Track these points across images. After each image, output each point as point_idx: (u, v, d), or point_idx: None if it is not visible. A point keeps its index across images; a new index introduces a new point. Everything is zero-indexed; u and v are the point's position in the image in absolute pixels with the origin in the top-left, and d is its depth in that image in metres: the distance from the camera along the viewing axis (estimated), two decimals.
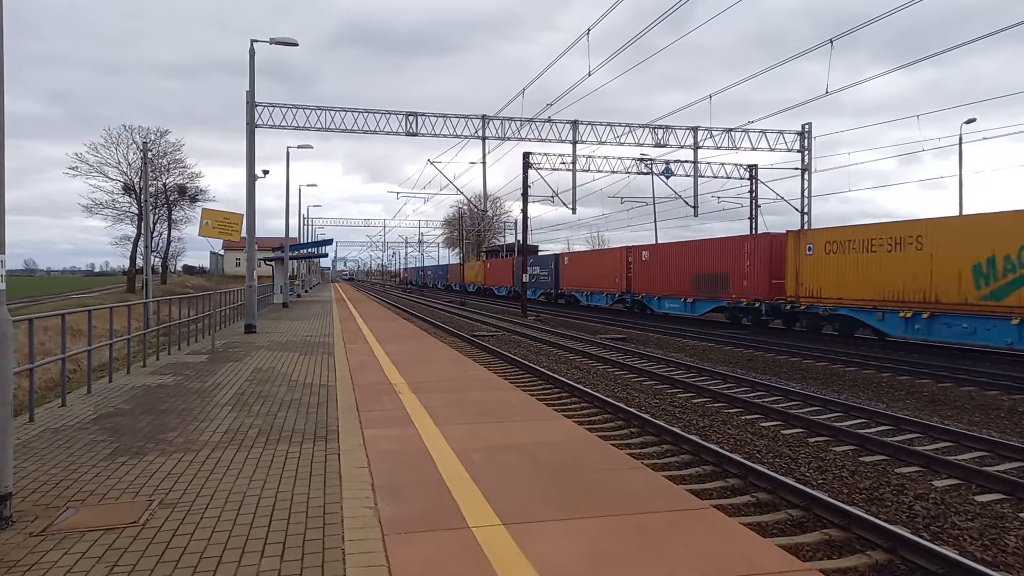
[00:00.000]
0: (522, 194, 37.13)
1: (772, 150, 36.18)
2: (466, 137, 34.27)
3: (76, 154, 53.75)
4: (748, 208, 39.03)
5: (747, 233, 35.70)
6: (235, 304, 24.95)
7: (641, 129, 35.04)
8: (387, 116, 32.77)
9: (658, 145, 35.46)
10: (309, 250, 54.40)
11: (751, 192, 38.85)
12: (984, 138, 54.52)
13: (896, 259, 19.60)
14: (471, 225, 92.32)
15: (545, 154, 36.60)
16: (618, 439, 9.85)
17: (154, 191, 53.41)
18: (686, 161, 36.66)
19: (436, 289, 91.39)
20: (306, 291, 62.07)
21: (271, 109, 31.07)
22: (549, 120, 33.97)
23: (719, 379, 15.31)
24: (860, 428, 10.59)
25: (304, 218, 64.70)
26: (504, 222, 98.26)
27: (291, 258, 43.77)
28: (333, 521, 4.88)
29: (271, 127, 31.16)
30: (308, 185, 53.61)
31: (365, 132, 32.69)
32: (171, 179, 58.47)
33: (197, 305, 19.53)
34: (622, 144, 35.13)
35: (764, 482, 7.59)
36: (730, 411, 11.91)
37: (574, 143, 34.77)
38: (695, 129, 35.33)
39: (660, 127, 35.05)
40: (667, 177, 37.08)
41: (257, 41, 20.95)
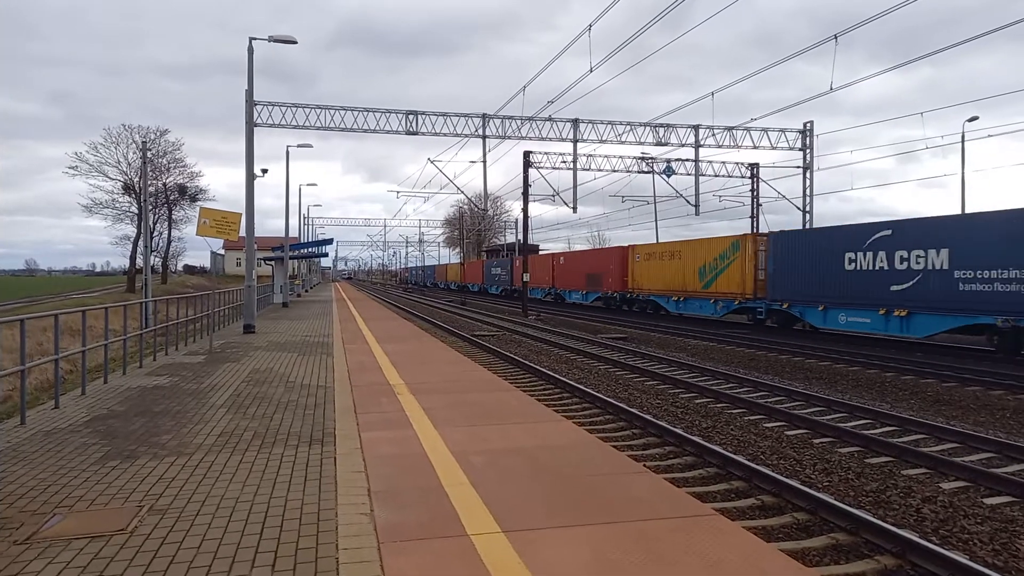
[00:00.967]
0: (523, 193, 36.99)
1: (774, 148, 36.04)
2: (466, 136, 34.14)
3: (76, 153, 53.90)
4: (749, 207, 38.93)
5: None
6: (234, 304, 24.83)
7: (642, 128, 34.90)
8: (387, 115, 32.64)
9: (659, 144, 35.34)
10: (309, 249, 54.27)
11: (752, 191, 38.70)
12: (989, 135, 54.24)
13: (671, 265, 31.55)
14: (471, 224, 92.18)
15: (546, 153, 36.49)
16: (620, 441, 9.72)
17: (154, 191, 53.39)
18: (687, 160, 36.54)
19: (427, 288, 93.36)
20: (306, 291, 61.98)
21: (270, 108, 30.94)
22: (550, 119, 33.83)
23: (721, 379, 15.17)
24: (865, 429, 10.45)
25: (304, 218, 64.65)
26: (504, 221, 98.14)
27: (291, 258, 43.65)
28: (327, 528, 4.75)
29: (271, 126, 31.04)
30: (308, 184, 53.54)
31: (365, 131, 32.56)
32: (171, 179, 58.54)
33: (196, 305, 19.41)
34: (623, 143, 35.03)
35: (769, 485, 7.45)
36: (733, 412, 11.77)
37: (575, 142, 34.63)
38: (696, 127, 35.18)
39: (661, 125, 34.91)
40: (668, 176, 36.93)
41: (256, 39, 20.82)
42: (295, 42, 20.62)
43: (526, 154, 36.28)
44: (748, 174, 38.40)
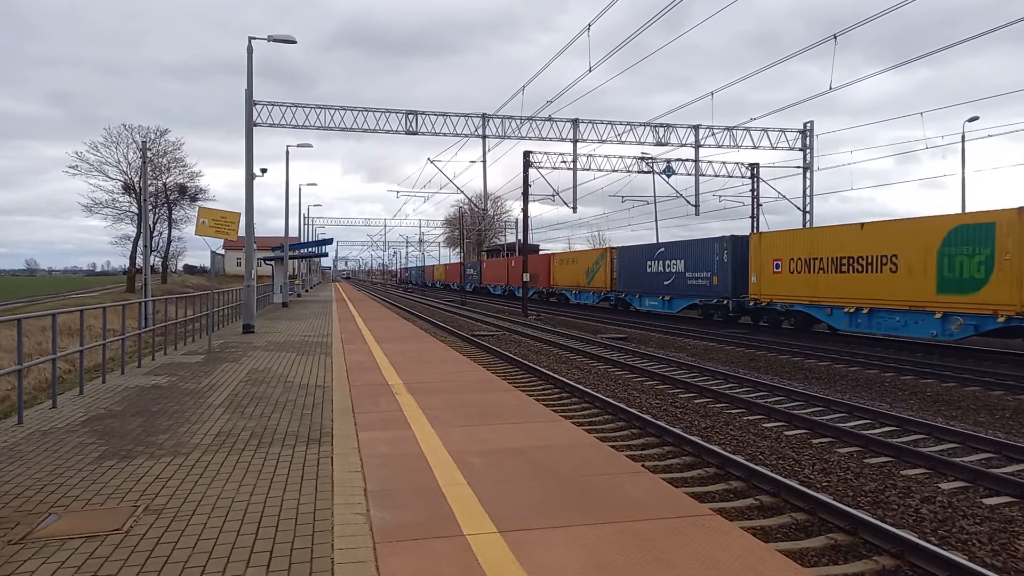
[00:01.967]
0: (523, 193, 36.95)
1: (774, 148, 36.00)
2: (466, 136, 34.10)
3: (76, 153, 53.84)
4: (749, 207, 38.87)
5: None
6: (234, 304, 24.81)
7: (642, 127, 34.86)
8: (387, 115, 32.61)
9: (659, 144, 35.29)
10: (309, 249, 54.24)
11: (752, 191, 38.65)
12: (989, 135, 54.17)
13: (572, 268, 42.75)
14: (472, 224, 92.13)
15: (545, 153, 36.43)
16: (619, 441, 9.70)
17: (154, 190, 53.38)
18: (687, 160, 36.50)
19: (427, 287, 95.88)
20: (306, 291, 61.95)
21: (270, 108, 30.91)
22: (550, 119, 33.79)
23: (721, 379, 15.15)
24: (864, 429, 10.43)
25: (304, 217, 64.63)
26: (505, 221, 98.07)
27: (291, 257, 43.63)
28: (323, 529, 4.73)
29: (270, 126, 31.00)
30: (308, 184, 53.51)
31: (365, 131, 32.52)
32: (171, 178, 58.47)
33: (195, 305, 19.39)
34: (623, 143, 34.98)
35: (768, 485, 7.43)
36: (732, 412, 11.75)
37: (575, 142, 34.59)
38: (696, 127, 35.14)
39: (661, 125, 34.88)
40: (668, 176, 36.88)
41: (255, 39, 20.81)
42: (295, 41, 20.61)
43: (526, 154, 36.24)
44: (748, 174, 38.36)
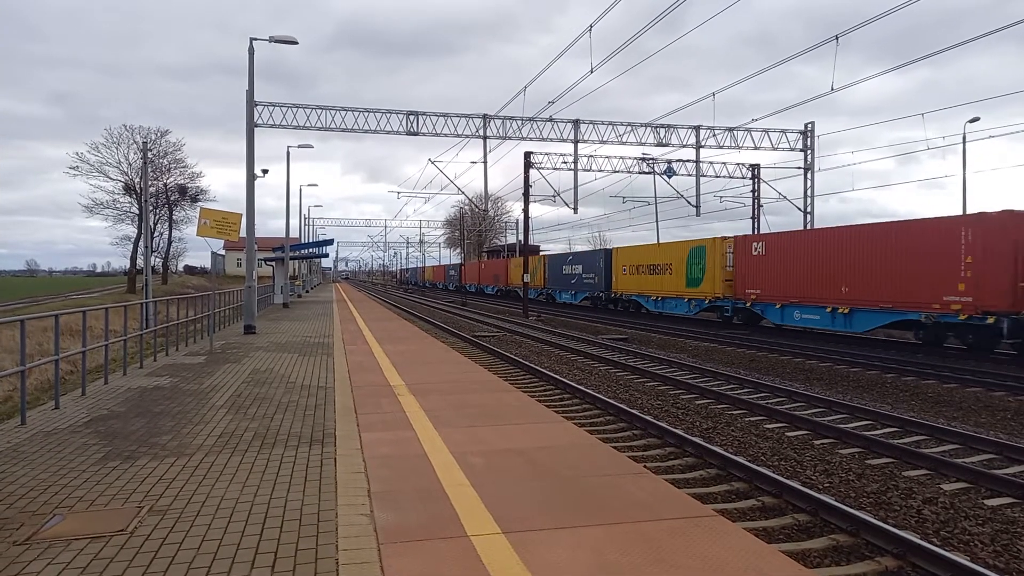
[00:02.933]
0: (523, 193, 36.97)
1: (775, 149, 36.03)
2: (467, 136, 34.15)
3: (77, 154, 53.88)
4: (750, 208, 38.88)
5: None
6: (235, 304, 24.82)
7: (643, 128, 34.89)
8: (387, 115, 32.64)
9: (660, 144, 35.32)
10: (310, 250, 54.24)
11: (753, 192, 38.67)
12: (991, 136, 54.20)
13: (520, 271, 45.05)
14: (472, 225, 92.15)
15: (546, 153, 36.46)
16: (621, 442, 9.71)
17: (155, 191, 53.39)
18: (688, 160, 36.52)
19: (427, 288, 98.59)
20: (307, 291, 61.95)
21: (271, 108, 30.96)
22: (551, 119, 33.82)
23: (722, 380, 15.16)
24: (866, 430, 10.44)
25: (305, 218, 64.64)
26: (505, 222, 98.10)
27: (292, 258, 43.62)
28: (327, 529, 4.74)
29: (271, 126, 31.05)
30: (309, 185, 53.56)
31: (366, 131, 32.58)
32: (172, 179, 58.49)
33: (196, 305, 19.40)
34: (624, 143, 35.01)
35: (770, 486, 7.44)
36: (734, 413, 11.76)
37: (575, 142, 34.62)
38: (697, 128, 35.17)
39: (662, 126, 34.90)
40: (669, 176, 36.90)
41: (256, 39, 20.83)
42: (296, 42, 20.63)
43: (527, 155, 36.26)
44: (749, 175, 38.37)
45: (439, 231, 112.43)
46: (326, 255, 74.71)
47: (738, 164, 38.08)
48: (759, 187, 38.47)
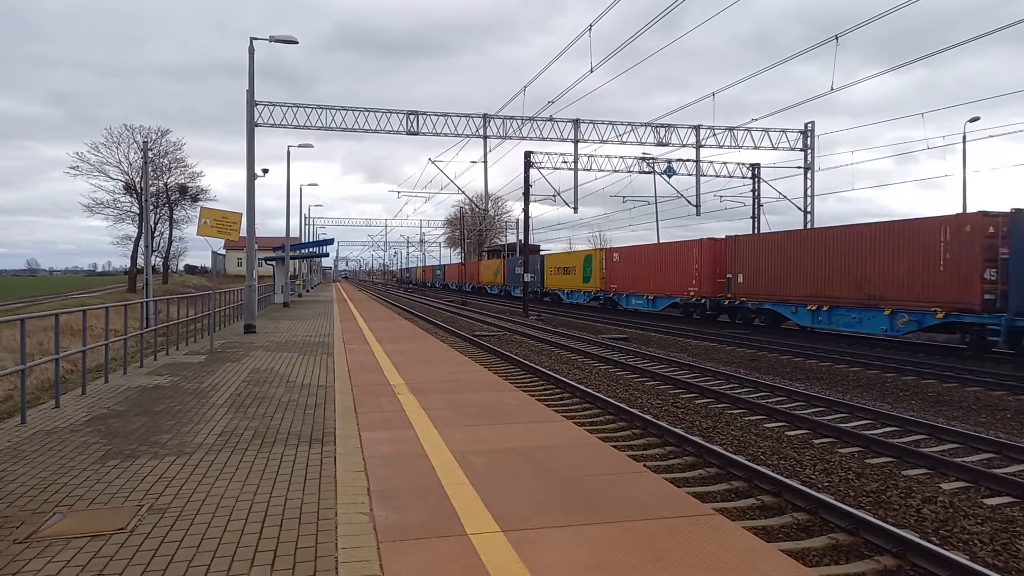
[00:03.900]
0: (523, 193, 36.95)
1: (775, 148, 36.01)
2: (467, 136, 34.14)
3: (77, 153, 53.87)
4: (750, 207, 38.86)
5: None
6: (235, 304, 24.83)
7: (643, 128, 34.89)
8: (388, 115, 32.64)
9: (660, 144, 35.31)
10: (310, 249, 54.25)
11: (754, 191, 38.65)
12: (991, 136, 54.18)
13: (489, 270, 65.14)
14: (472, 225, 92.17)
15: (546, 153, 36.44)
16: (621, 441, 9.72)
17: (155, 191, 53.39)
18: (688, 160, 36.51)
19: (422, 287, 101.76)
20: (307, 291, 61.96)
21: (271, 108, 30.96)
22: (551, 119, 33.81)
23: (722, 379, 15.16)
24: (866, 429, 10.44)
25: (305, 217, 64.64)
26: (506, 222, 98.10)
27: (292, 257, 43.63)
28: (327, 528, 4.74)
29: (271, 126, 31.07)
30: (309, 184, 53.55)
31: (366, 131, 32.57)
32: (172, 179, 58.49)
33: (196, 305, 19.41)
34: (624, 143, 35.00)
35: (769, 485, 7.44)
36: (734, 412, 11.77)
37: (576, 142, 34.61)
38: (697, 128, 35.16)
39: (662, 126, 34.90)
40: (669, 176, 36.88)
41: (257, 39, 20.83)
42: (296, 42, 20.63)
43: (527, 154, 36.25)
44: (749, 174, 38.36)
45: (439, 231, 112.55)
46: (326, 255, 74.82)
47: (738, 164, 38.08)
48: (759, 187, 38.47)
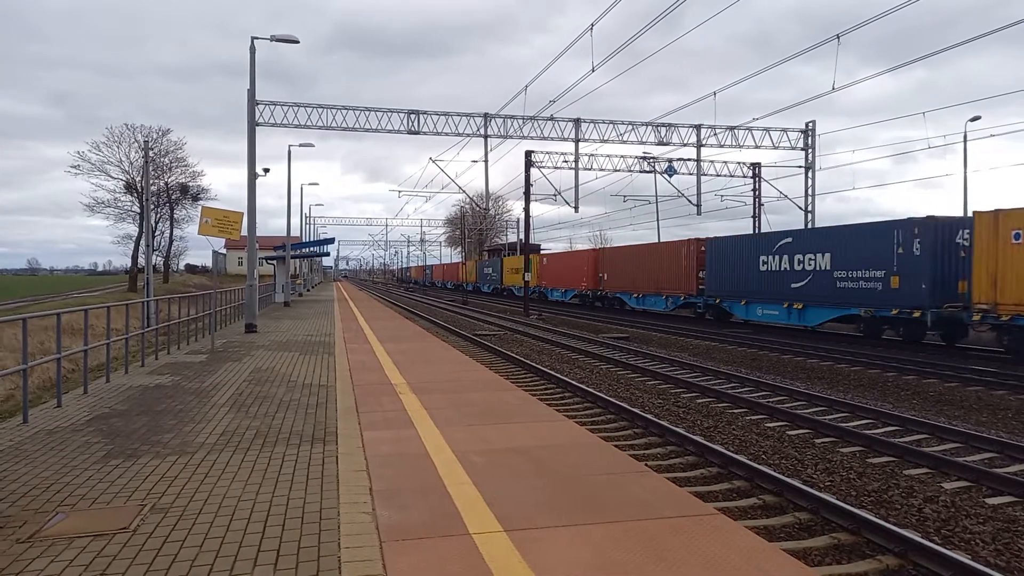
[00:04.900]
0: (524, 192, 36.96)
1: (776, 148, 35.98)
2: (468, 135, 34.11)
3: (78, 152, 53.81)
4: (751, 206, 38.85)
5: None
6: (236, 303, 24.83)
7: (644, 127, 34.86)
8: (388, 115, 32.63)
9: (661, 143, 35.29)
10: (311, 249, 54.25)
11: (754, 190, 38.64)
12: (992, 135, 54.09)
13: (466, 269, 75.50)
14: (473, 224, 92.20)
15: (547, 152, 36.44)
16: (622, 440, 9.72)
17: (156, 190, 53.37)
18: (689, 159, 36.50)
19: (423, 286, 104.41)
20: (308, 290, 61.97)
21: (272, 107, 30.94)
22: (551, 118, 33.79)
23: (723, 379, 15.16)
24: (867, 429, 10.44)
25: (306, 217, 64.64)
26: (506, 221, 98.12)
27: (293, 257, 43.64)
28: (330, 527, 4.75)
29: (272, 125, 31.03)
30: (310, 184, 53.56)
31: (367, 130, 32.55)
32: (173, 178, 58.45)
33: (197, 304, 19.41)
34: (625, 142, 34.98)
35: (771, 484, 7.44)
36: (735, 411, 11.77)
37: (576, 141, 34.58)
38: (698, 127, 35.13)
39: (663, 125, 34.87)
40: (670, 175, 36.87)
41: (257, 38, 20.81)
42: (297, 41, 20.62)
43: (528, 153, 36.24)
44: (750, 174, 38.34)
45: (440, 230, 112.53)
46: (327, 254, 74.94)
47: (739, 163, 38.08)
48: (760, 186, 38.46)
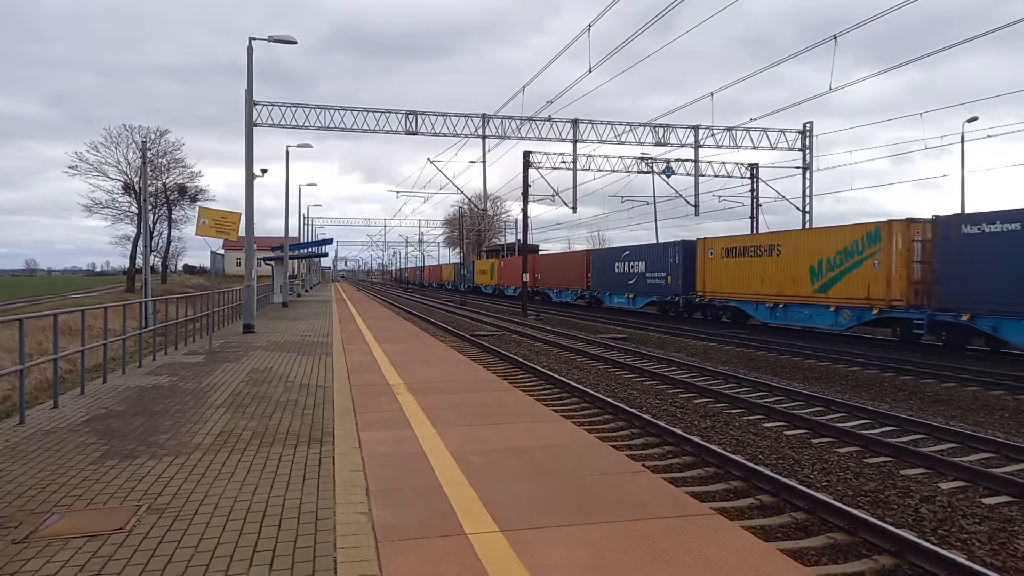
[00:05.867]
0: (522, 193, 36.96)
1: (773, 148, 36.00)
2: (466, 136, 34.09)
3: (76, 153, 53.90)
4: (749, 207, 38.89)
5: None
6: (234, 304, 24.81)
7: (642, 128, 34.87)
8: (386, 115, 32.60)
9: (659, 144, 35.29)
10: (309, 249, 54.22)
11: (752, 191, 38.67)
12: (988, 136, 54.18)
13: (448, 270, 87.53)
14: (471, 225, 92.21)
15: (545, 153, 36.44)
16: (619, 441, 9.72)
17: (154, 190, 53.36)
18: (687, 160, 36.52)
19: (421, 286, 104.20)
20: (306, 291, 61.93)
21: (270, 108, 30.90)
22: (549, 119, 33.78)
23: (721, 379, 15.17)
24: (864, 429, 10.45)
25: (304, 217, 64.63)
26: (504, 221, 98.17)
27: (291, 257, 43.61)
28: (325, 528, 4.75)
29: (270, 126, 30.98)
30: (308, 184, 53.51)
31: (365, 131, 32.51)
32: (171, 179, 58.50)
33: (195, 305, 19.39)
34: (623, 143, 34.98)
35: (768, 484, 7.45)
36: (732, 412, 11.77)
37: (574, 142, 34.58)
38: (696, 128, 35.16)
39: (661, 126, 34.89)
40: (668, 176, 36.88)
41: (255, 39, 20.82)
42: (294, 42, 20.60)
43: (526, 154, 36.24)
44: (748, 174, 38.38)
45: (438, 230, 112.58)
46: (325, 254, 74.73)
47: (737, 164, 38.10)
48: (757, 186, 38.49)
